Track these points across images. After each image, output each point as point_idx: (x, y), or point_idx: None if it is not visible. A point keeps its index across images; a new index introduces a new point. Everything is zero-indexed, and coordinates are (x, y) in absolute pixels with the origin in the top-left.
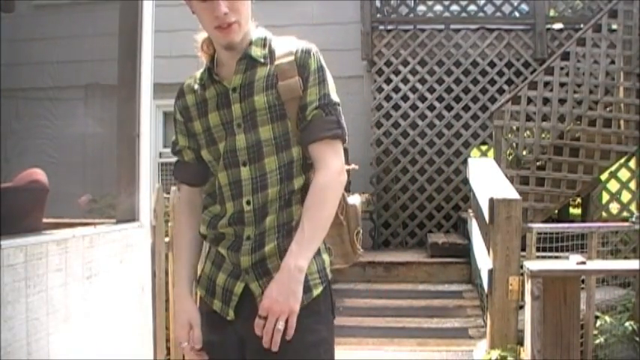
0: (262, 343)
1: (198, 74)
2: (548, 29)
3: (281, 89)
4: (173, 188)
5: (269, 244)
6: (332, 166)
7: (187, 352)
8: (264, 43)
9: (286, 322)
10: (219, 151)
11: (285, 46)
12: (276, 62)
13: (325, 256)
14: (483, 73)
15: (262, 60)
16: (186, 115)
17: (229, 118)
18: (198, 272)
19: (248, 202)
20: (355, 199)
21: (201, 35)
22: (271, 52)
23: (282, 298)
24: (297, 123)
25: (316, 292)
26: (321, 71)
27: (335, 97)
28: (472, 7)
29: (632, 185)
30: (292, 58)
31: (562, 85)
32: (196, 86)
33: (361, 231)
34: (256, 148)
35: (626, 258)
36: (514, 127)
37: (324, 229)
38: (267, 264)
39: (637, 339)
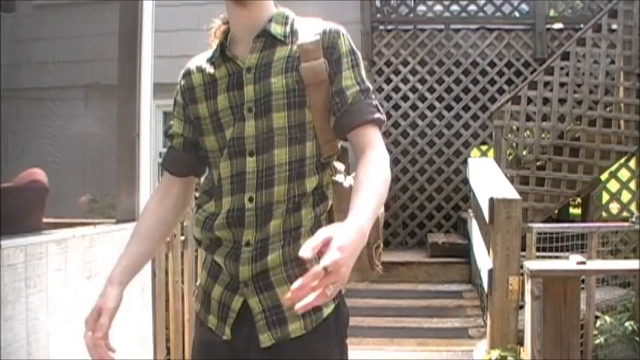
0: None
1: (208, 52)
2: (548, 29)
3: (303, 72)
4: None
5: (272, 253)
6: (381, 148)
7: (90, 343)
8: (285, 20)
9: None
10: (225, 139)
11: (311, 26)
12: (299, 42)
13: None
14: (483, 73)
15: (283, 38)
16: (190, 97)
17: (240, 101)
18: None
19: (250, 199)
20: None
21: (218, 21)
22: (294, 32)
23: (350, 262)
24: (332, 110)
25: (327, 311)
26: (354, 54)
27: (369, 84)
28: (472, 7)
29: (632, 185)
30: (318, 38)
31: (562, 85)
32: (205, 65)
33: (382, 245)
34: (266, 137)
35: (626, 258)
36: (514, 127)
37: (382, 202)
38: (271, 276)
39: (637, 339)
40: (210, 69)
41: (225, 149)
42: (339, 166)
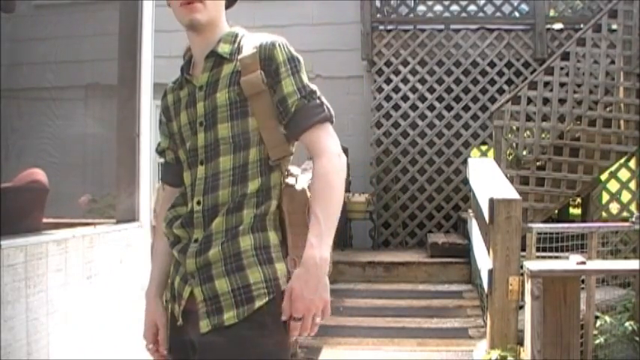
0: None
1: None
2: (548, 29)
3: (243, 85)
4: None
5: (213, 249)
6: (331, 149)
7: (153, 354)
8: (233, 39)
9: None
10: (187, 151)
11: (253, 41)
12: (240, 57)
13: (279, 265)
14: (483, 73)
15: (228, 56)
16: (167, 115)
17: (194, 116)
18: None
19: (199, 203)
20: None
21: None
22: (239, 48)
23: (315, 295)
24: (278, 117)
25: (259, 303)
26: (293, 62)
27: (313, 86)
28: (472, 7)
29: (632, 185)
30: (255, 51)
31: (562, 85)
32: (176, 86)
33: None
34: (213, 147)
35: (626, 258)
36: (514, 127)
37: (337, 215)
38: (212, 270)
39: (637, 339)
40: (177, 90)
41: (185, 160)
42: (294, 170)
